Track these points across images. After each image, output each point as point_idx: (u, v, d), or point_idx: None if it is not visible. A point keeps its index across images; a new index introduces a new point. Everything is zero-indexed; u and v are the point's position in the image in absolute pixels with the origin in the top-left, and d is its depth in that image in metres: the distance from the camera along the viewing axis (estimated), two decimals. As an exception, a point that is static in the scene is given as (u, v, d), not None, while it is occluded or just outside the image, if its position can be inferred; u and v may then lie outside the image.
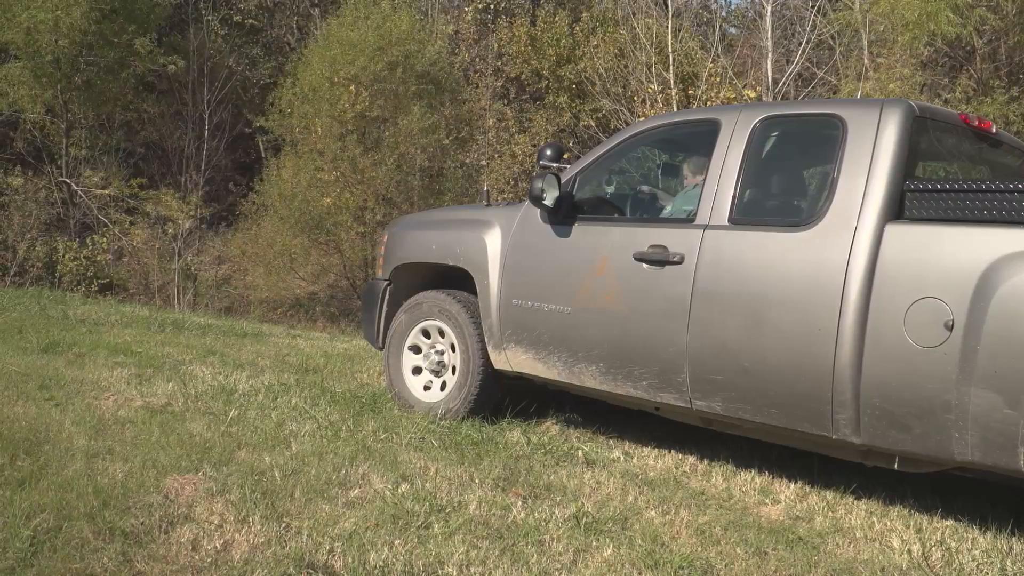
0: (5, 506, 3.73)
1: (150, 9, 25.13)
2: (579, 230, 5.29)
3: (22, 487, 4.02)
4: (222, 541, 3.57)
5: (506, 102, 28.70)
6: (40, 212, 22.60)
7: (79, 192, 24.19)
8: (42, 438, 4.89)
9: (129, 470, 4.37)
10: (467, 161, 25.40)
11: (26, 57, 22.85)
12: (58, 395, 6.05)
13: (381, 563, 3.42)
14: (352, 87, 21.90)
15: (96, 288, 21.75)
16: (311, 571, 3.32)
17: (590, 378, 5.16)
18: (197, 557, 3.43)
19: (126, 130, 27.28)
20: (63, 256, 22.05)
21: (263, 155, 28.35)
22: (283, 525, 3.76)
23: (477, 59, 28.75)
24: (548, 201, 5.27)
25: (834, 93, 19.94)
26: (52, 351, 7.94)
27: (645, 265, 4.87)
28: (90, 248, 22.76)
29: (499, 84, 28.53)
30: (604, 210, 5.66)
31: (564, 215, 5.35)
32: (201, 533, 3.64)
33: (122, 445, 4.85)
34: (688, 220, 4.87)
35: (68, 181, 24.21)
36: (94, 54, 23.62)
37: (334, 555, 3.49)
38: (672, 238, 4.82)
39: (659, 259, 4.81)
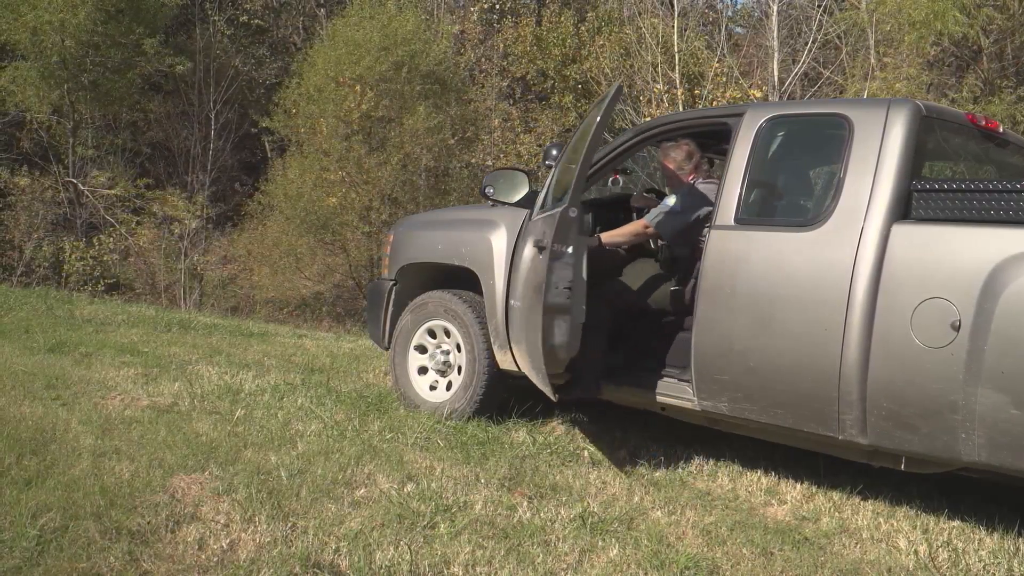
0: (11, 505, 3.74)
1: (157, 9, 25.16)
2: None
3: (28, 486, 4.03)
4: (228, 540, 3.57)
5: (511, 102, 28.70)
6: (46, 212, 22.66)
7: (86, 192, 24.24)
8: (48, 437, 4.90)
9: (135, 469, 4.38)
10: (472, 161, 25.40)
11: (32, 57, 22.90)
12: (64, 395, 6.06)
13: (387, 563, 3.43)
14: (357, 87, 21.91)
15: (102, 288, 21.79)
16: (317, 570, 3.33)
17: (596, 378, 5.16)
18: (203, 556, 3.44)
19: (132, 130, 27.35)
20: (69, 256, 22.09)
21: (269, 155, 28.39)
22: (289, 524, 3.77)
23: (482, 59, 28.76)
24: (553, 201, 5.26)
25: (840, 93, 19.91)
26: (59, 351, 7.96)
27: (651, 265, 4.86)
28: (96, 248, 22.80)
29: (504, 84, 28.54)
30: (610, 210, 5.66)
31: (570, 215, 5.34)
32: (207, 532, 3.64)
33: (128, 444, 4.86)
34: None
35: (74, 181, 24.26)
36: (101, 54, 23.67)
37: (340, 555, 3.50)
38: (678, 238, 4.82)
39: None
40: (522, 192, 5.44)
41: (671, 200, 5.22)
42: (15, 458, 4.43)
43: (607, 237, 5.39)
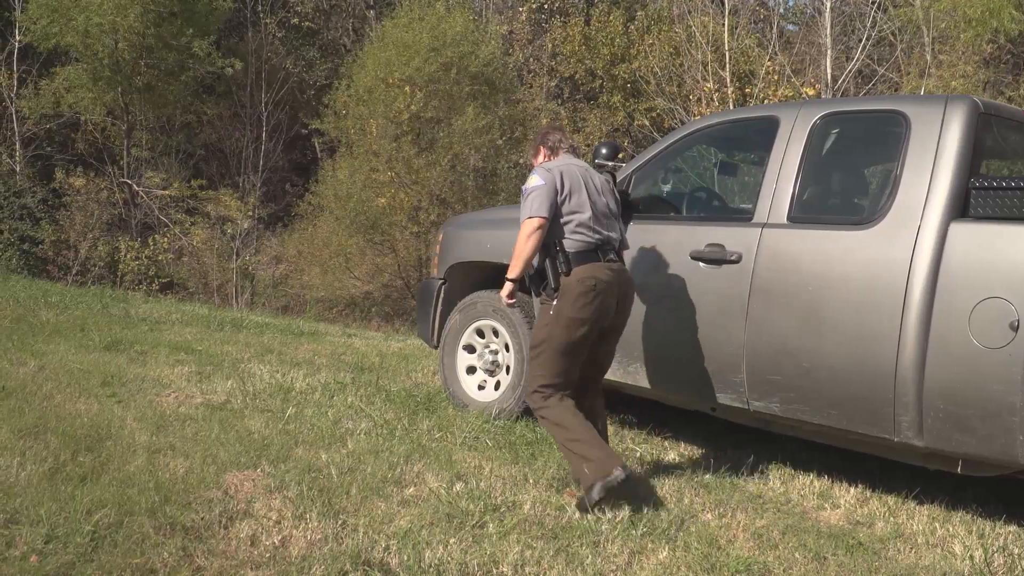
0: (67, 501, 3.79)
1: (209, 12, 25.49)
2: (634, 229, 5.26)
3: (84, 483, 4.08)
4: (280, 537, 3.60)
5: (560, 102, 28.68)
6: (102, 212, 23.02)
7: (140, 193, 24.66)
8: (104, 434, 4.98)
9: (190, 466, 4.43)
10: (520, 161, 25.41)
11: (85, 60, 23.31)
12: (120, 392, 6.16)
13: (436, 561, 3.43)
14: (407, 88, 22.03)
15: (157, 287, 22.13)
16: (367, 568, 3.34)
17: (645, 378, 5.13)
18: (256, 552, 3.47)
19: (186, 132, 27.75)
20: (125, 255, 22.45)
21: (319, 156, 28.67)
22: (340, 522, 3.79)
23: (531, 59, 28.77)
24: (603, 200, 5.22)
25: (895, 90, 19.61)
26: (114, 349, 8.09)
27: (702, 264, 4.82)
28: (151, 248, 23.16)
29: (553, 84, 28.53)
30: (660, 209, 5.61)
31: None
32: (260, 529, 3.68)
33: (183, 441, 4.93)
34: (745, 219, 4.82)
35: (129, 182, 24.68)
36: (154, 57, 24.04)
37: (390, 553, 3.51)
38: (729, 237, 4.77)
39: (716, 258, 4.76)
40: None
41: (529, 184, 4.52)
42: (71, 454, 4.50)
43: (511, 272, 4.55)
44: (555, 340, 4.36)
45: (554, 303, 4.42)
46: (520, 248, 4.44)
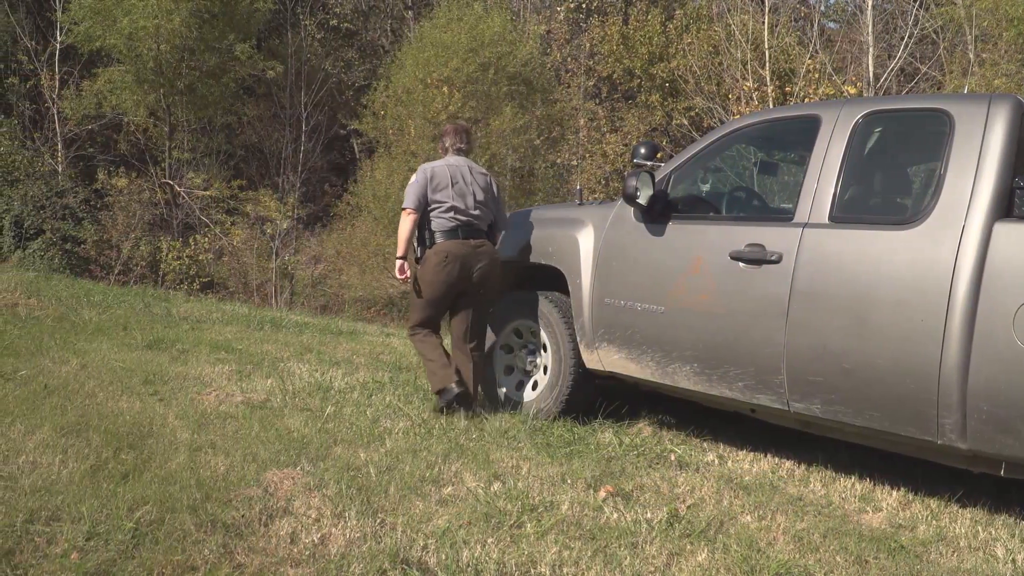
0: (108, 498, 3.84)
1: (249, 15, 25.74)
2: (674, 229, 5.23)
3: (125, 480, 4.13)
4: (319, 535, 3.62)
5: (598, 101, 28.60)
6: (144, 212, 23.30)
7: (182, 193, 24.95)
8: (146, 432, 5.04)
9: (230, 464, 4.47)
10: (558, 161, 25.39)
11: (128, 62, 23.61)
12: (162, 390, 6.23)
13: (474, 561, 3.44)
14: (445, 88, 22.10)
15: (197, 286, 22.35)
16: (406, 567, 3.35)
17: (684, 378, 5.10)
18: (295, 550, 3.49)
19: (227, 133, 28.05)
20: (166, 255, 22.71)
21: (357, 156, 28.83)
22: (378, 521, 3.80)
23: (569, 58, 28.72)
24: (642, 199, 5.21)
25: (938, 89, 19.35)
26: (156, 347, 8.19)
27: (741, 264, 4.78)
28: (192, 247, 23.41)
29: (591, 83, 28.45)
30: (699, 208, 5.58)
31: (658, 213, 5.30)
32: (299, 526, 3.70)
33: (223, 439, 4.97)
34: (786, 218, 4.77)
35: (171, 182, 24.98)
36: (196, 59, 24.31)
37: (428, 552, 3.52)
38: (770, 237, 4.73)
39: (756, 258, 4.72)
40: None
41: (410, 180, 5.95)
42: (113, 452, 4.56)
43: (398, 251, 5.92)
44: (418, 293, 5.90)
45: (419, 268, 5.91)
46: (399, 231, 5.91)
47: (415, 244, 5.98)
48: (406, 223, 5.83)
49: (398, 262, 5.93)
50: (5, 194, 20.69)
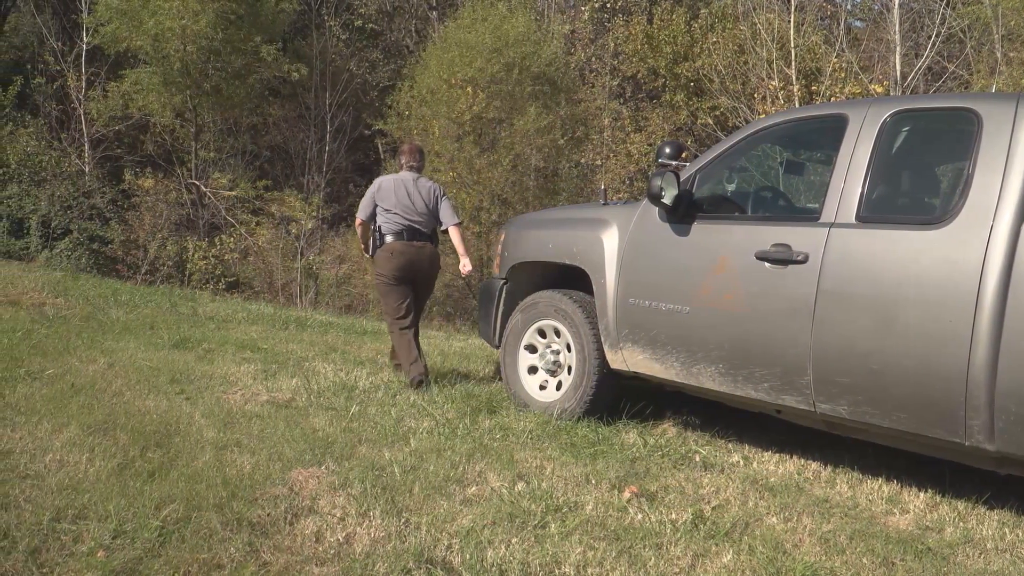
0: (135, 497, 3.87)
1: (275, 16, 25.85)
2: (698, 229, 5.21)
3: (152, 478, 4.17)
4: (344, 534, 3.64)
5: (622, 101, 28.54)
6: (170, 213, 23.45)
7: (208, 193, 25.09)
8: (172, 431, 5.08)
9: (256, 463, 4.50)
10: (582, 161, 25.35)
11: (154, 63, 23.79)
12: (188, 389, 6.27)
13: (498, 561, 3.44)
14: (469, 89, 22.12)
15: (223, 286, 22.47)
16: (430, 566, 3.36)
17: (709, 379, 5.08)
18: (320, 549, 3.51)
19: (252, 133, 28.18)
20: (192, 255, 22.84)
21: (382, 157, 28.87)
22: (403, 520, 3.81)
23: (593, 58, 28.66)
24: (667, 199, 5.19)
25: (966, 88, 19.17)
26: (182, 347, 8.25)
27: (767, 264, 4.75)
28: (218, 247, 23.54)
29: (615, 83, 28.38)
30: (724, 208, 5.55)
31: (683, 213, 5.27)
32: (324, 525, 3.72)
33: (249, 438, 5.00)
34: (812, 218, 4.74)
35: (197, 183, 25.14)
36: (221, 60, 24.44)
37: (452, 551, 3.52)
38: (796, 237, 4.69)
39: (782, 258, 4.69)
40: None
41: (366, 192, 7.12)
42: (139, 451, 4.60)
43: (364, 250, 7.34)
44: (378, 287, 7.10)
45: (374, 264, 7.12)
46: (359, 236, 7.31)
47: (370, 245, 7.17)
48: (359, 229, 7.20)
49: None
50: (32, 194, 20.86)
